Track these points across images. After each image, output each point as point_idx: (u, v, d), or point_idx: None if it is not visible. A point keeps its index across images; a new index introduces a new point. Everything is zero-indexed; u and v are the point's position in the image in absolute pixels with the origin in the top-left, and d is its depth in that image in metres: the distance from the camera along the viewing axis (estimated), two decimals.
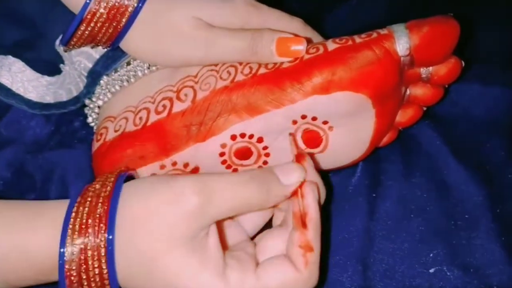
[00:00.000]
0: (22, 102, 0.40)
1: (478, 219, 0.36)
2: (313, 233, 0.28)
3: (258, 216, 0.32)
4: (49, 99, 0.40)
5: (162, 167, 0.34)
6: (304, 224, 0.28)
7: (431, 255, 0.35)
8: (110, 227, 0.27)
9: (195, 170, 0.35)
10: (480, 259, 0.34)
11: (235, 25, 0.34)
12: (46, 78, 0.40)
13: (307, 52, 0.33)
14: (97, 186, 0.29)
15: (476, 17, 0.42)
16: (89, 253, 0.26)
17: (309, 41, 0.34)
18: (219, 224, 0.29)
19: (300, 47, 0.32)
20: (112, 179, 0.29)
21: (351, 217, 0.37)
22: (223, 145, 0.34)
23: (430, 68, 0.34)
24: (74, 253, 0.26)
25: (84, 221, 0.27)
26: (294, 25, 0.35)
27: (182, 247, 0.27)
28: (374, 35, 0.33)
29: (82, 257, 0.26)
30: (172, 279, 0.27)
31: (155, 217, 0.27)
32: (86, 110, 0.40)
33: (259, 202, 0.28)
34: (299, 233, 0.28)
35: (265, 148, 0.34)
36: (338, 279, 0.35)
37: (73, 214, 0.27)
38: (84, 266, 0.27)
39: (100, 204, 0.27)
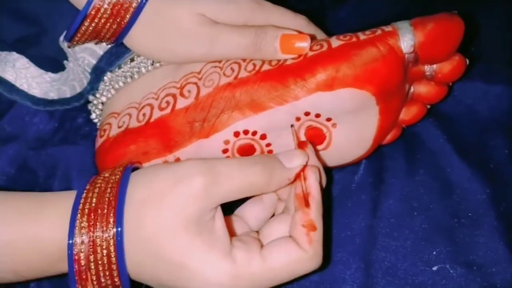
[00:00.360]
0: (26, 98, 0.40)
1: (481, 217, 0.36)
2: (315, 212, 0.29)
3: (262, 210, 0.32)
4: (52, 95, 0.40)
5: (165, 163, 0.34)
6: (307, 203, 0.29)
7: (434, 253, 0.35)
8: (119, 215, 0.27)
9: None
10: (483, 257, 0.34)
11: (238, 22, 0.34)
12: (50, 74, 0.40)
13: (310, 49, 0.33)
14: (106, 174, 0.30)
15: (479, 15, 0.42)
16: (98, 241, 0.27)
17: (312, 38, 0.34)
18: (226, 218, 0.30)
19: (304, 44, 0.32)
20: (121, 168, 0.30)
21: (354, 215, 0.37)
22: (226, 142, 0.34)
23: (434, 66, 0.34)
24: (83, 242, 0.27)
25: (93, 208, 0.27)
26: (297, 22, 0.35)
27: (188, 228, 0.27)
28: (379, 32, 0.33)
29: (91, 247, 0.27)
30: (179, 260, 0.27)
31: (161, 199, 0.27)
32: (89, 107, 0.40)
33: (263, 183, 0.29)
34: (302, 213, 0.29)
35: (268, 145, 0.34)
36: (340, 276, 0.35)
37: (82, 200, 0.28)
38: (93, 256, 0.27)
39: (109, 189, 0.28)
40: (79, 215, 0.27)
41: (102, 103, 0.39)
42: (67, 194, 0.30)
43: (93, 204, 0.28)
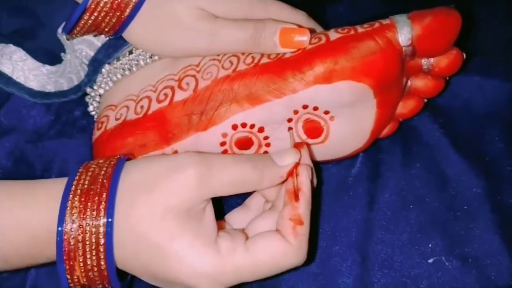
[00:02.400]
0: (23, 91, 0.39)
1: (477, 210, 0.36)
2: (304, 207, 0.29)
3: (249, 217, 0.32)
4: (50, 88, 0.40)
5: (162, 154, 0.34)
6: (296, 197, 0.30)
7: (430, 245, 0.35)
8: (111, 198, 0.27)
9: None
10: (479, 249, 0.35)
11: (238, 16, 0.34)
12: (47, 67, 0.39)
13: (309, 42, 0.33)
14: (101, 160, 0.30)
15: (476, 9, 0.42)
16: (88, 226, 0.27)
17: (312, 32, 0.34)
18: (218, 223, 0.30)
19: (303, 38, 0.33)
20: (116, 157, 0.30)
21: (351, 208, 0.37)
22: (224, 135, 0.34)
23: (432, 60, 0.34)
24: (73, 223, 0.27)
25: (85, 190, 0.28)
26: (297, 17, 0.35)
27: (177, 214, 0.27)
28: (377, 25, 0.33)
29: (81, 228, 0.27)
30: (164, 244, 0.27)
31: (154, 184, 0.28)
32: (87, 99, 0.40)
33: (255, 179, 0.29)
34: (291, 207, 0.29)
35: (266, 138, 0.34)
36: (337, 268, 0.35)
37: (75, 181, 0.28)
38: (81, 236, 0.27)
39: (103, 172, 0.28)
40: (71, 195, 0.27)
41: (100, 96, 0.38)
42: (59, 179, 0.30)
43: (86, 186, 0.28)
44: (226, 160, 0.29)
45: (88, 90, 0.39)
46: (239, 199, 0.35)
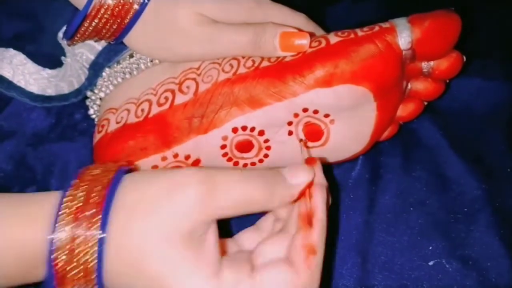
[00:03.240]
0: (23, 95, 0.39)
1: (477, 212, 0.36)
2: (318, 235, 0.27)
3: (259, 238, 0.30)
4: (50, 91, 0.40)
5: (164, 159, 0.34)
6: (310, 223, 0.27)
7: (430, 248, 0.35)
8: (104, 219, 0.25)
9: (196, 162, 0.35)
10: (479, 252, 0.35)
11: (238, 20, 0.34)
12: (48, 71, 0.39)
13: (309, 46, 0.33)
14: (97, 171, 0.27)
15: (476, 11, 0.42)
16: (79, 243, 0.25)
17: (311, 35, 0.34)
18: (220, 240, 0.27)
19: (303, 42, 0.33)
20: (114, 168, 0.28)
21: (351, 210, 0.37)
22: (225, 138, 0.34)
23: (432, 63, 0.34)
24: (65, 238, 0.25)
25: (79, 207, 0.25)
26: (297, 20, 0.35)
27: (176, 241, 0.25)
28: (376, 28, 0.33)
29: (72, 242, 0.25)
30: (161, 274, 0.25)
31: (152, 207, 0.25)
32: (87, 102, 0.40)
33: (263, 199, 0.26)
34: (304, 234, 0.26)
35: (266, 141, 0.35)
36: (337, 271, 0.35)
37: (69, 197, 0.26)
38: (72, 257, 0.25)
39: (97, 191, 0.26)
40: (62, 216, 0.25)
41: (100, 99, 0.39)
42: (51, 193, 0.27)
43: (80, 204, 0.25)
44: (232, 177, 0.26)
45: (89, 93, 0.39)
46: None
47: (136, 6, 0.33)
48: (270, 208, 0.28)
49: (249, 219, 0.31)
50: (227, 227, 0.35)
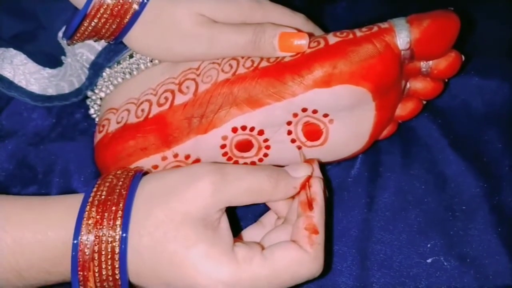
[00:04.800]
0: (24, 95, 0.39)
1: (475, 210, 0.36)
2: (318, 217, 0.30)
3: (262, 233, 0.32)
4: (51, 91, 0.40)
5: (164, 158, 0.35)
6: (310, 207, 0.30)
7: (429, 245, 0.35)
8: (127, 209, 0.28)
9: (196, 162, 0.35)
10: (477, 249, 0.35)
11: (237, 20, 0.34)
12: (48, 70, 0.40)
13: (308, 46, 0.33)
14: (118, 172, 0.31)
15: (475, 10, 0.42)
16: (104, 237, 0.27)
17: (310, 36, 0.34)
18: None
19: (302, 42, 0.33)
20: (133, 169, 0.31)
21: (351, 208, 0.37)
22: (224, 137, 0.34)
23: (430, 62, 0.34)
24: (90, 234, 0.27)
25: (102, 200, 0.28)
26: (296, 20, 0.35)
27: (194, 222, 0.28)
28: (375, 28, 0.33)
29: (97, 239, 0.27)
30: (181, 252, 0.27)
31: (170, 192, 0.28)
32: (88, 102, 0.40)
33: (270, 188, 0.30)
34: (305, 217, 0.29)
35: (265, 140, 0.35)
36: (337, 268, 0.35)
37: (93, 193, 0.28)
38: (97, 247, 0.27)
39: (120, 183, 0.29)
40: (88, 206, 0.28)
41: (101, 99, 0.39)
42: (76, 195, 0.30)
43: (103, 197, 0.28)
44: (241, 170, 0.30)
45: (89, 93, 0.39)
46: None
47: (135, 6, 0.33)
48: (275, 198, 0.31)
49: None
50: (236, 228, 0.36)
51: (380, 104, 0.34)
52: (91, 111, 0.39)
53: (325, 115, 0.34)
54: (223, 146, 0.34)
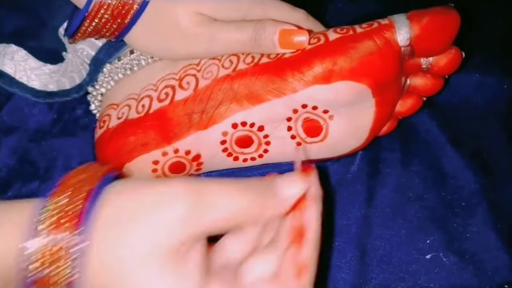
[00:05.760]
0: (25, 91, 0.40)
1: (474, 206, 0.36)
2: (311, 251, 0.25)
3: (245, 243, 0.28)
4: (52, 87, 0.40)
5: (164, 154, 0.35)
6: (302, 238, 0.25)
7: (428, 241, 0.35)
8: (86, 229, 0.23)
9: (197, 158, 0.35)
10: (476, 245, 0.35)
11: (237, 17, 0.34)
12: (49, 66, 0.40)
13: (308, 42, 0.33)
14: (82, 176, 0.25)
15: (475, 7, 0.42)
16: (56, 251, 0.23)
17: (310, 32, 0.34)
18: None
19: (302, 39, 0.33)
20: (100, 174, 0.26)
21: (350, 204, 0.37)
22: (224, 133, 0.34)
23: (430, 59, 0.34)
24: (39, 250, 0.23)
25: (58, 215, 0.23)
26: (296, 16, 0.35)
27: (160, 256, 0.23)
28: (375, 25, 0.33)
29: (47, 257, 0.23)
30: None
31: (138, 219, 0.24)
32: (89, 98, 0.40)
33: (254, 213, 0.25)
34: (295, 250, 0.25)
35: (265, 136, 0.35)
36: (336, 264, 0.35)
37: (49, 204, 0.24)
38: (48, 267, 0.23)
39: (80, 199, 0.24)
40: (41, 218, 0.23)
41: (101, 94, 0.39)
42: (32, 200, 0.25)
43: (61, 212, 0.24)
44: (220, 189, 0.24)
45: (90, 89, 0.39)
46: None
47: (136, 6, 0.33)
48: (260, 220, 0.26)
49: None
50: None
51: (380, 101, 0.34)
52: (92, 106, 0.40)
53: (325, 111, 0.34)
54: (223, 142, 0.34)
